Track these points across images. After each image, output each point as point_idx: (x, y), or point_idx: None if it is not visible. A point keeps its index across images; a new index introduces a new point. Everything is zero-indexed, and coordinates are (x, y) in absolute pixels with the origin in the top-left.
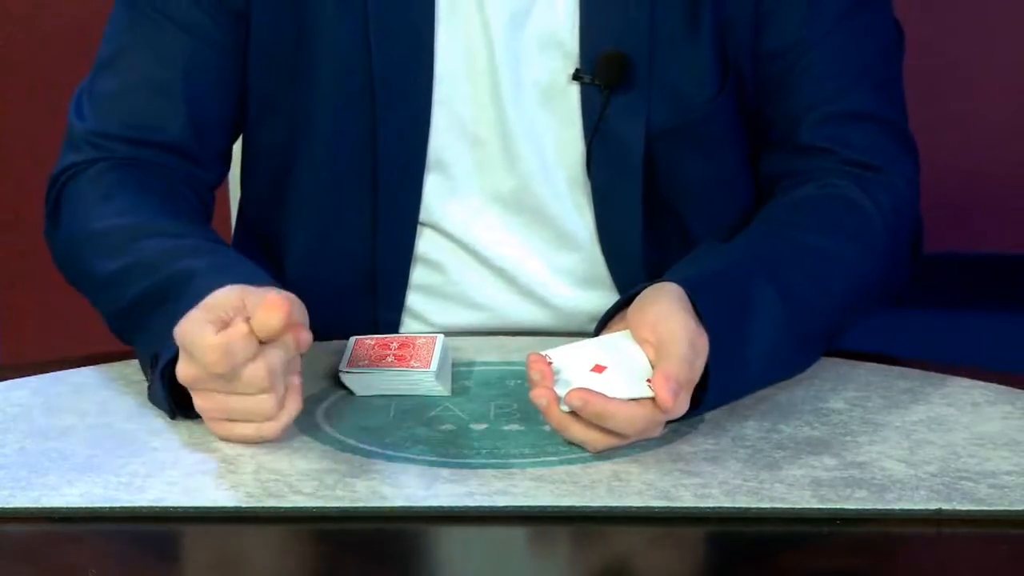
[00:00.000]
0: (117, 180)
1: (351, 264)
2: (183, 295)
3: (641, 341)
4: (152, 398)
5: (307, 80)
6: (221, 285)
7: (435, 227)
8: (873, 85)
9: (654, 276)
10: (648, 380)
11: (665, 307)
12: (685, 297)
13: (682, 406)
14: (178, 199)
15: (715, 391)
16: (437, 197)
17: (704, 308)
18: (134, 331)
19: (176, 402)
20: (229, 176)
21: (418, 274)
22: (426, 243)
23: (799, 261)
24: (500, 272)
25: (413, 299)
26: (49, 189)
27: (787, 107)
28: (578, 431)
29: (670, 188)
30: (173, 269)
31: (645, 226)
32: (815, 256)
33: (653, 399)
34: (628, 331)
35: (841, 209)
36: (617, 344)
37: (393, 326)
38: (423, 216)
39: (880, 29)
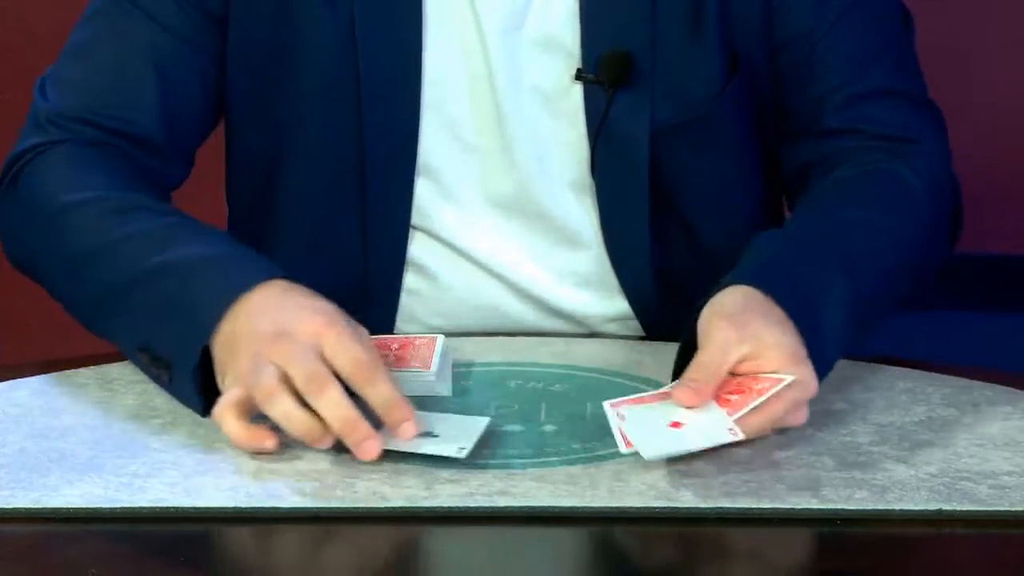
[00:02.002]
0: (89, 157)
1: (342, 269)
2: (213, 280)
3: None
4: (175, 382)
5: (294, 85)
6: (253, 278)
7: (427, 231)
8: (890, 63)
9: (660, 277)
10: (729, 429)
11: (729, 338)
12: (754, 295)
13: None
14: (148, 185)
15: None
16: (428, 201)
17: (780, 296)
18: (136, 308)
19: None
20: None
21: (410, 278)
22: (418, 247)
23: (854, 237)
24: (495, 275)
25: (406, 303)
26: (7, 167)
27: (808, 95)
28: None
29: (675, 186)
30: (187, 251)
31: (651, 225)
32: (867, 230)
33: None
34: None
35: (882, 182)
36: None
37: (386, 330)
38: (415, 220)
39: (890, 9)
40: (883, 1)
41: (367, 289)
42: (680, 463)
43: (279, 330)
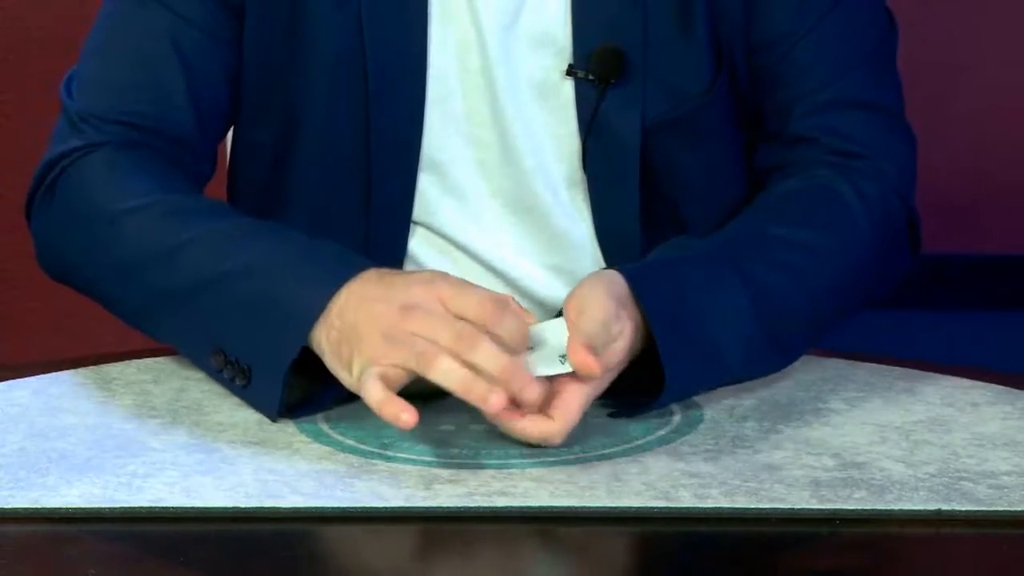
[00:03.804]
0: (132, 161)
1: None
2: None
3: (568, 324)
4: (254, 384)
5: (300, 79)
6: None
7: (428, 226)
8: (864, 73)
9: None
10: (562, 356)
11: (583, 285)
12: (618, 280)
13: (602, 367)
14: (190, 184)
15: (676, 374)
16: (431, 196)
17: (640, 290)
18: (208, 312)
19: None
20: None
21: None
22: (419, 242)
23: (764, 250)
24: (494, 271)
25: None
26: (44, 172)
27: (779, 98)
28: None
29: (667, 182)
30: (263, 251)
31: (643, 222)
32: (782, 246)
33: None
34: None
35: (818, 200)
36: (546, 330)
37: None
38: (416, 215)
39: (871, 17)
40: (865, 8)
41: None
42: (678, 463)
43: (403, 305)
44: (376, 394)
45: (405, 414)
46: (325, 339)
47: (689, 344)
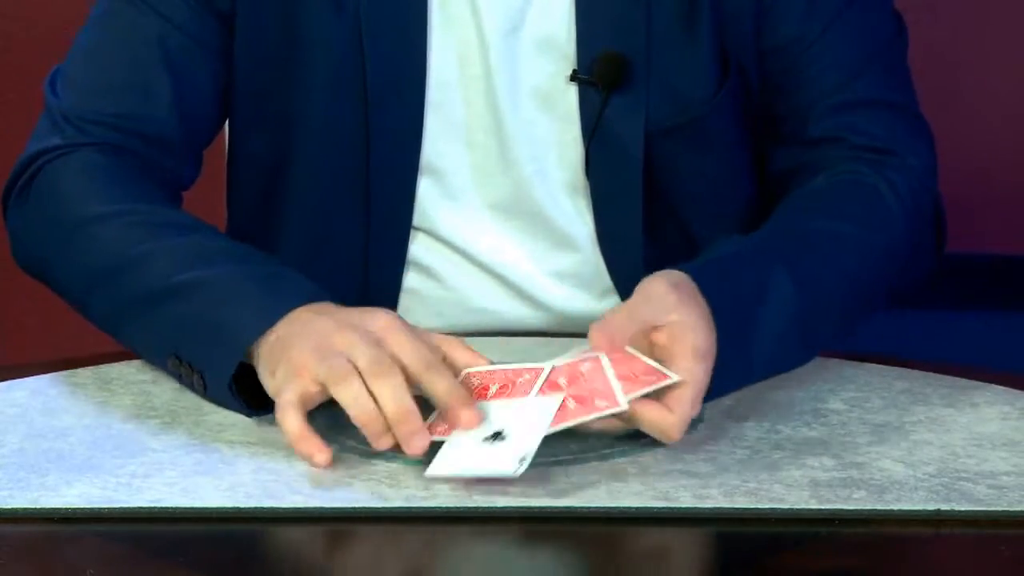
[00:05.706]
0: (109, 167)
1: (343, 269)
2: (245, 297)
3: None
4: (214, 390)
5: (299, 85)
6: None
7: (428, 232)
8: (878, 72)
9: None
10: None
11: (667, 299)
12: (687, 281)
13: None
14: (167, 192)
15: (721, 373)
16: (430, 202)
17: (708, 290)
18: (163, 321)
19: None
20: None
21: (411, 279)
22: (419, 247)
23: (812, 245)
24: (495, 276)
25: (406, 303)
26: (22, 168)
27: (794, 101)
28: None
29: (670, 188)
30: (217, 270)
31: (646, 227)
32: (829, 239)
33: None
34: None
35: (855, 194)
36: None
37: None
38: (416, 221)
39: (881, 18)
40: (874, 9)
41: (367, 289)
42: (678, 463)
43: (345, 323)
44: (292, 427)
45: (319, 455)
46: (265, 353)
47: (736, 350)
